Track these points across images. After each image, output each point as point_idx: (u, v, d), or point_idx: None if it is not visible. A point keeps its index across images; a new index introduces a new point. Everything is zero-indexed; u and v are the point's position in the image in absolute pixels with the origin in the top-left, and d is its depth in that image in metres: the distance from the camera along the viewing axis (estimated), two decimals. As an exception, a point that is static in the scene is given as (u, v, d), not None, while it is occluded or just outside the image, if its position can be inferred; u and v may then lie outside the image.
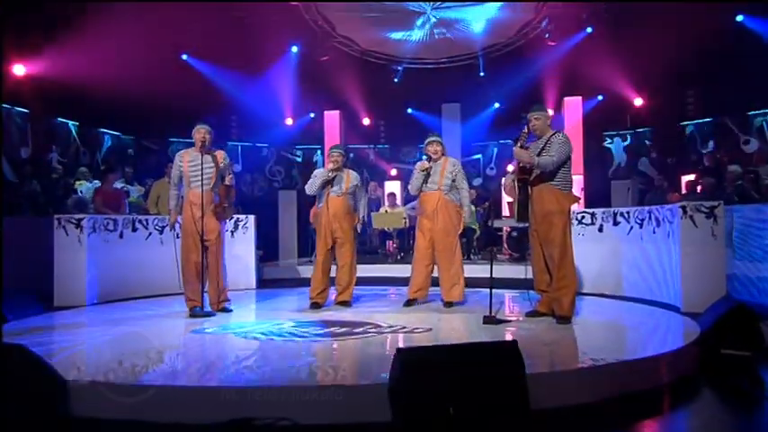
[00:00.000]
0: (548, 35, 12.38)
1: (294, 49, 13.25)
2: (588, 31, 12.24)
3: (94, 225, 6.89)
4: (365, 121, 15.23)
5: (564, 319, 5.00)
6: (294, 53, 13.34)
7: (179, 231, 5.85)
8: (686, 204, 5.92)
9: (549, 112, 5.17)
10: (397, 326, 4.98)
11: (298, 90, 13.89)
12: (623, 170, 14.07)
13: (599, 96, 13.22)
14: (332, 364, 3.86)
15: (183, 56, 12.58)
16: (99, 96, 10.62)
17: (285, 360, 3.83)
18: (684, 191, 9.75)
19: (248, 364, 3.72)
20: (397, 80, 14.01)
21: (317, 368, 3.67)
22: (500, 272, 9.06)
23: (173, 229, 5.90)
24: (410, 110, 15.04)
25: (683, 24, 10.19)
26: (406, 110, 15.15)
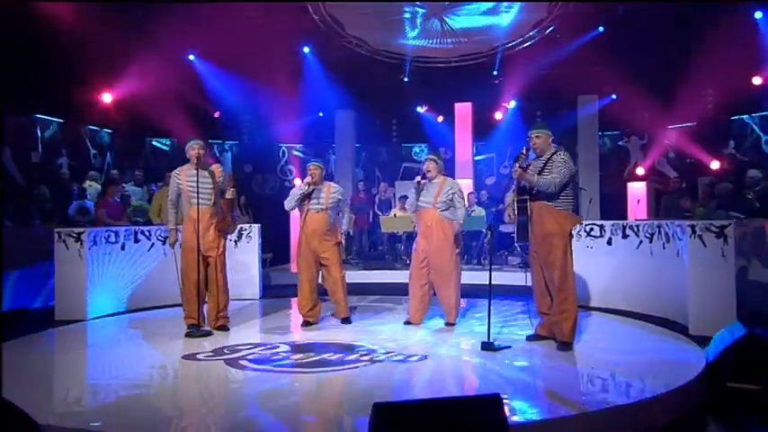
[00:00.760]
0: (558, 36, 12.10)
1: (306, 49, 13.16)
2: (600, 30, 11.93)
3: (95, 238, 6.86)
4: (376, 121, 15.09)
5: (565, 345, 4.85)
6: (306, 53, 13.23)
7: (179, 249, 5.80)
8: (695, 224, 5.70)
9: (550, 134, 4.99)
10: (392, 351, 4.89)
11: (309, 89, 13.78)
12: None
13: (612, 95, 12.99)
14: (313, 408, 3.82)
15: (191, 56, 12.52)
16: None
17: (266, 401, 3.81)
18: (701, 197, 9.44)
19: (220, 413, 3.72)
20: (406, 79, 13.81)
21: (296, 411, 3.67)
22: (509, 279, 8.99)
23: (173, 247, 5.87)
24: (420, 109, 14.82)
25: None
26: (416, 108, 14.95)
